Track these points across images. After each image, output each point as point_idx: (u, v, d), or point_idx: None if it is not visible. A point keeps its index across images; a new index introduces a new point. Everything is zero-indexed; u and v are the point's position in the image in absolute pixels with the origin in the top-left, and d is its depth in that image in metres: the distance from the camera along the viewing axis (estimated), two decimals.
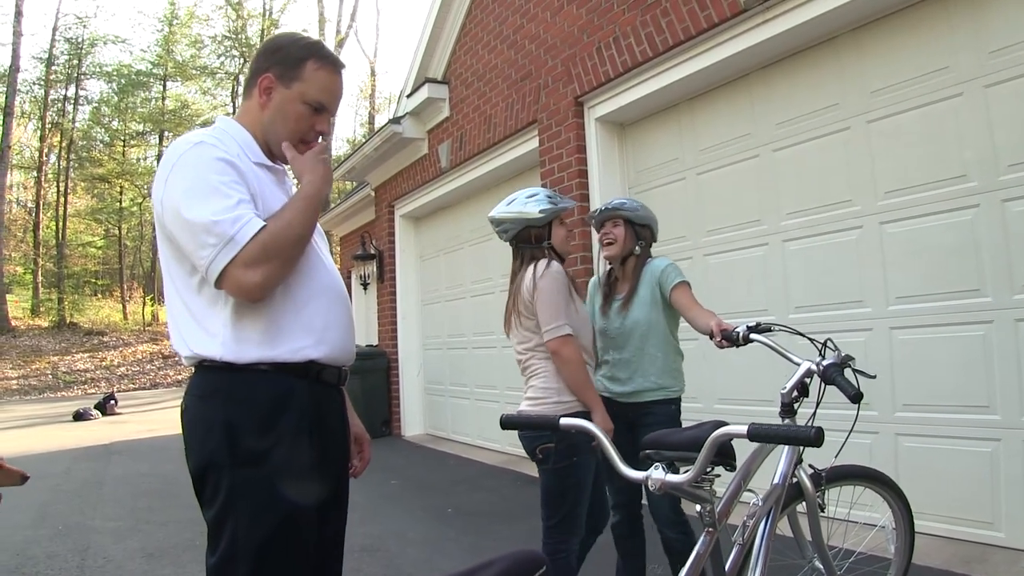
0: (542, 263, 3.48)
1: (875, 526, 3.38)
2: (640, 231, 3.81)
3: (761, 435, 1.94)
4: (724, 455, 2.40)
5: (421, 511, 6.60)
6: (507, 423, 2.56)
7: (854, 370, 2.76)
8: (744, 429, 1.95)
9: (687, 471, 2.19)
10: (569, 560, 3.42)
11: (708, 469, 2.23)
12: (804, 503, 2.92)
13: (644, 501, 3.69)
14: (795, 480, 2.84)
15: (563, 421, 2.38)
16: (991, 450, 4.41)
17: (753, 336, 3.06)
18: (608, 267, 3.96)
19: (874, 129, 5.04)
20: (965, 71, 4.55)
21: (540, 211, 3.54)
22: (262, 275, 1.98)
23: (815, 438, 1.83)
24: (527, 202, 3.58)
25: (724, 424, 2.09)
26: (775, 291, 5.67)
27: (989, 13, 4.43)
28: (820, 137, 5.38)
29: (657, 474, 2.16)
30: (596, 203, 6.98)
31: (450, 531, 5.88)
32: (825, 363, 2.68)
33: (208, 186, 2.00)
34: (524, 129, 8.25)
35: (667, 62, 6.26)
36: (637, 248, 3.79)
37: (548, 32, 7.75)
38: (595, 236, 4.14)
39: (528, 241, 3.59)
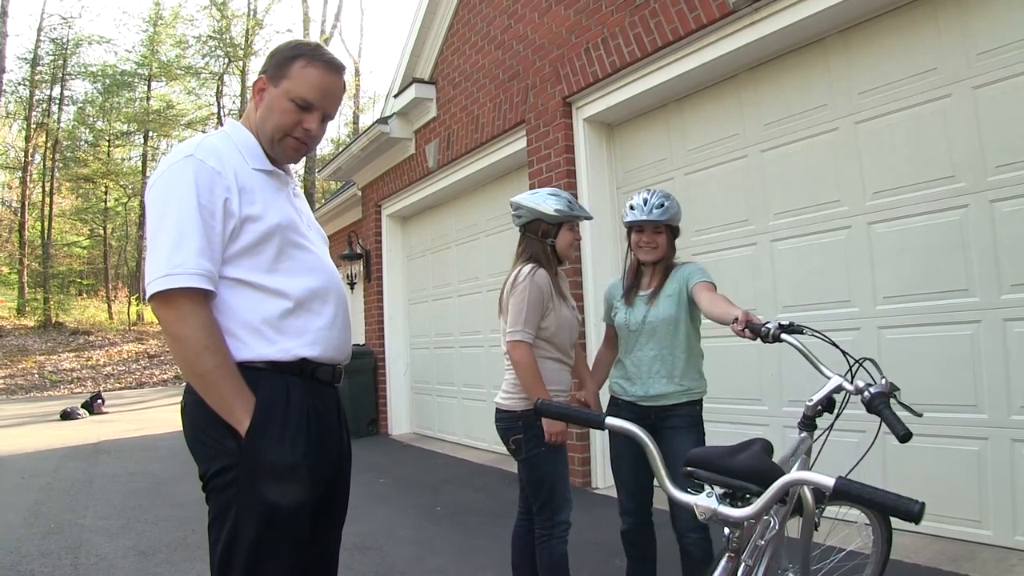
0: (527, 268, 3.61)
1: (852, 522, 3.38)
2: (676, 228, 3.78)
3: (851, 496, 1.60)
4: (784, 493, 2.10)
5: (411, 509, 6.61)
6: (543, 410, 2.26)
7: (900, 403, 2.50)
8: (829, 482, 1.62)
9: (712, 492, 2.00)
10: (552, 544, 3.55)
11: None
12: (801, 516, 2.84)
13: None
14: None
15: (609, 421, 2.10)
16: (978, 448, 4.46)
17: (784, 337, 2.86)
18: (635, 262, 3.87)
19: (862, 130, 5.07)
20: (953, 72, 4.58)
21: (555, 210, 3.67)
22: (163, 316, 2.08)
23: (918, 514, 1.51)
24: (547, 198, 3.72)
25: (770, 445, 1.94)
26: (763, 291, 5.71)
27: (976, 15, 4.47)
28: (808, 138, 5.42)
29: (707, 502, 1.92)
30: (584, 203, 6.99)
31: (440, 529, 5.90)
32: (873, 391, 2.43)
33: (174, 218, 2.06)
34: (512, 129, 8.26)
35: (656, 63, 6.28)
36: (674, 253, 3.81)
37: (536, 33, 7.76)
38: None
39: (535, 233, 3.71)
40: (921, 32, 4.76)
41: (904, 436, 2.24)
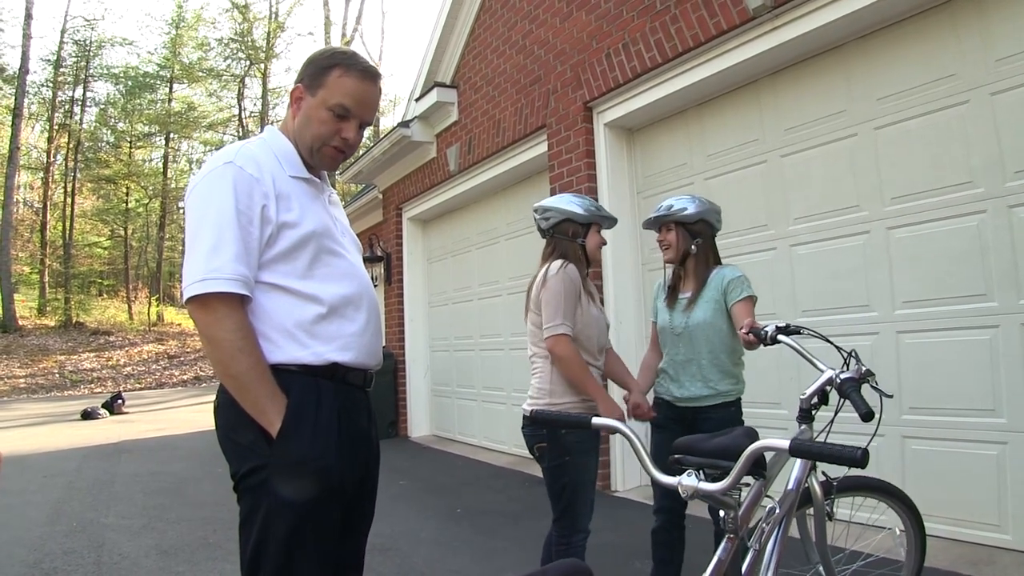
0: (557, 263, 3.58)
1: (883, 528, 3.41)
2: (693, 229, 3.80)
3: (803, 451, 1.85)
4: (756, 465, 2.34)
5: (431, 511, 6.66)
6: (538, 418, 2.61)
7: (873, 387, 2.70)
8: (785, 444, 1.87)
9: (692, 472, 2.16)
10: (571, 553, 3.50)
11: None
12: (812, 509, 2.93)
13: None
14: (806, 485, 2.84)
15: (595, 420, 2.32)
16: (997, 453, 4.46)
17: (780, 337, 3.05)
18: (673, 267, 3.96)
19: (881, 136, 5.09)
20: (971, 78, 4.60)
21: (585, 210, 3.71)
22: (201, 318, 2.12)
23: (860, 459, 1.71)
24: (572, 200, 3.77)
25: (754, 432, 2.07)
26: (782, 295, 5.72)
27: (995, 21, 4.49)
28: (827, 143, 5.44)
29: (689, 481, 2.10)
30: (604, 208, 7.02)
31: (460, 531, 5.94)
32: (843, 376, 2.64)
33: (212, 223, 2.12)
34: (533, 133, 8.31)
35: (676, 68, 6.32)
36: (693, 247, 3.79)
37: (557, 38, 7.82)
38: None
39: (565, 234, 3.72)
40: (940, 38, 4.77)
41: (866, 415, 2.38)
